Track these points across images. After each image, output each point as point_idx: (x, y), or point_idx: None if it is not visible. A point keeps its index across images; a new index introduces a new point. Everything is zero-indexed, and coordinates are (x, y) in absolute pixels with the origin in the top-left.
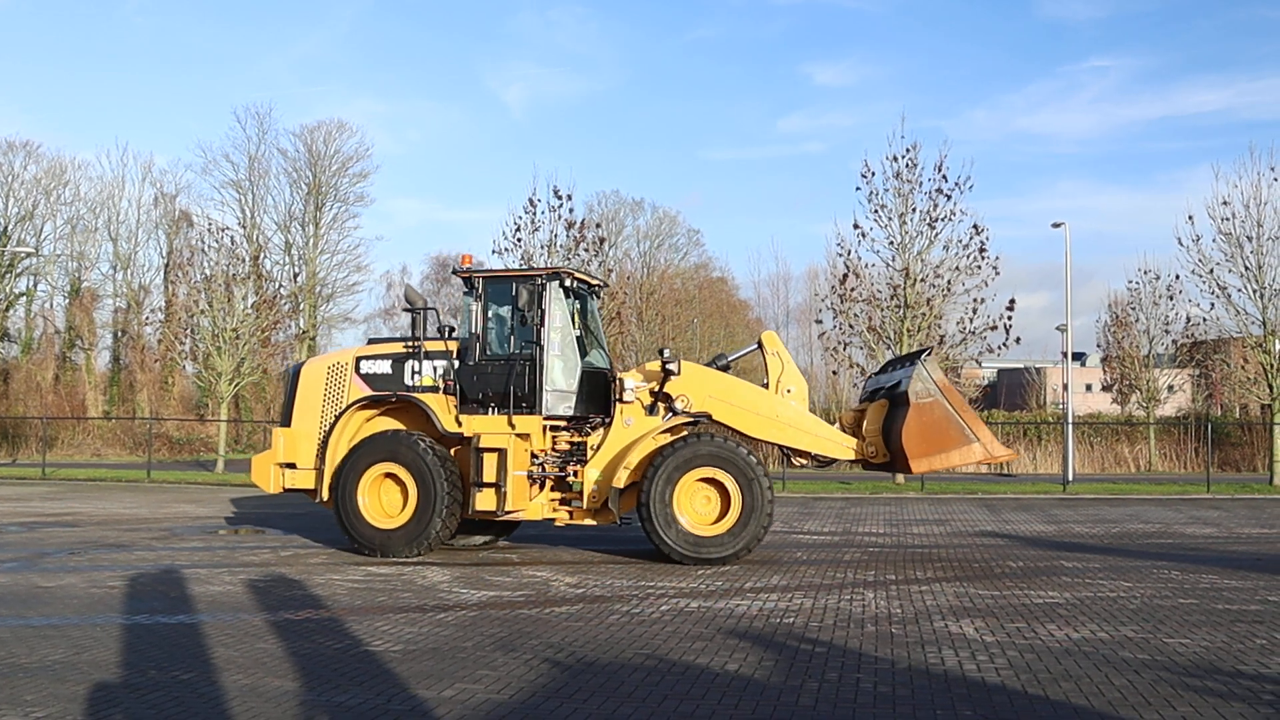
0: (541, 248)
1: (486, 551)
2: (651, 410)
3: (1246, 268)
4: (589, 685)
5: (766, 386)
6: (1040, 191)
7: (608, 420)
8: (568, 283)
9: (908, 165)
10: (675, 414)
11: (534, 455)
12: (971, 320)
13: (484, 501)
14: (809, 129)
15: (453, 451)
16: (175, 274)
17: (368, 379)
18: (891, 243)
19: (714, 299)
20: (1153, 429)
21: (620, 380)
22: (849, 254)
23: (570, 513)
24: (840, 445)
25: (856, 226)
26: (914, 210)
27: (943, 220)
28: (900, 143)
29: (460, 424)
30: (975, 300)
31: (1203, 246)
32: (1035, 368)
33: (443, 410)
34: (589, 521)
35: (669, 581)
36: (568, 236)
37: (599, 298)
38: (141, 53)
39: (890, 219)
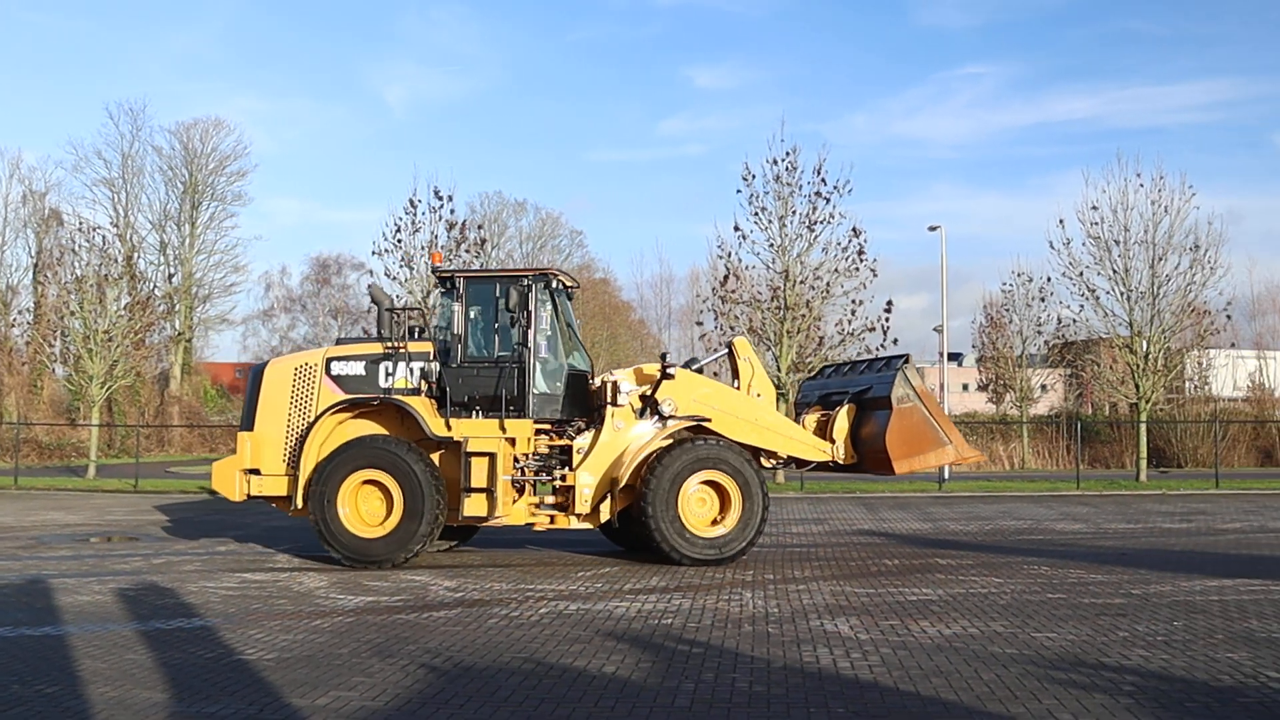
0: (422, 249)
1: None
2: (641, 414)
3: (1114, 271)
4: (466, 690)
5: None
6: (917, 195)
7: (594, 423)
8: (553, 284)
9: (787, 168)
10: (662, 417)
11: (515, 459)
12: (850, 322)
13: (474, 507)
14: (690, 131)
15: (435, 457)
16: (44, 274)
17: (339, 381)
18: (772, 245)
19: (597, 300)
20: (1026, 428)
21: (614, 383)
22: (730, 256)
23: (551, 517)
24: (813, 448)
25: (737, 229)
26: (794, 213)
27: (822, 223)
28: (780, 146)
29: (450, 428)
30: (854, 302)
31: (1073, 250)
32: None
33: (429, 414)
34: (573, 525)
35: (548, 584)
36: (449, 237)
37: (572, 298)
38: (8, 46)
39: (770, 221)
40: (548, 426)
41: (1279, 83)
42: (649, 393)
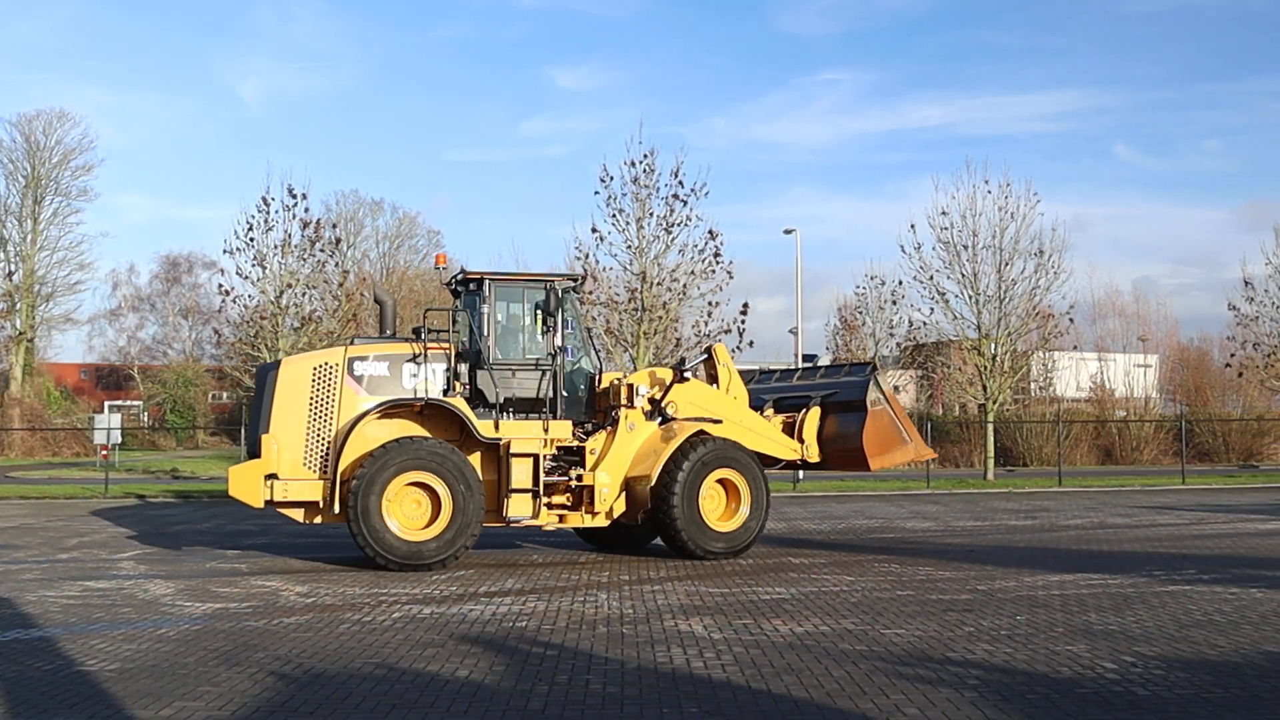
0: (275, 247)
1: (213, 564)
2: (650, 416)
3: (963, 275)
4: (316, 698)
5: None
6: (776, 198)
7: (607, 424)
8: (578, 289)
9: (645, 170)
10: (665, 419)
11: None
12: (707, 324)
13: (518, 508)
14: (552, 132)
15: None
16: None
17: (362, 381)
18: (629, 247)
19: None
20: None
21: (631, 385)
22: (587, 257)
23: (561, 516)
24: (787, 448)
25: (595, 230)
26: (651, 215)
27: (679, 225)
28: (638, 148)
29: (498, 429)
30: (710, 304)
31: (923, 254)
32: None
33: (473, 415)
34: (585, 523)
35: (403, 588)
36: (303, 236)
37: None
38: None
39: (628, 223)
40: (575, 428)
41: (1124, 95)
42: (660, 396)
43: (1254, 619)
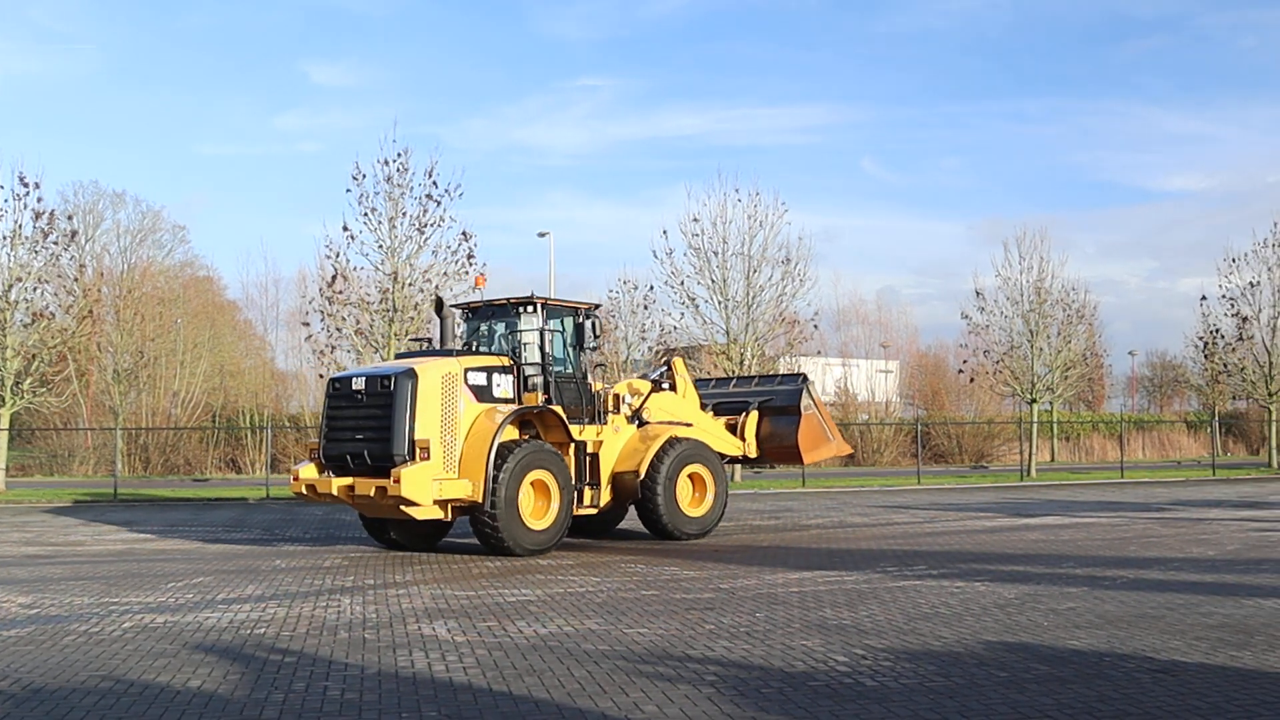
0: (4, 238)
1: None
2: (630, 420)
3: (713, 280)
4: (35, 714)
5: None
6: (534, 202)
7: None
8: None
9: (399, 170)
10: (643, 423)
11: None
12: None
13: (590, 499)
14: (307, 128)
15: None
16: None
17: (473, 389)
18: (381, 246)
19: (200, 299)
20: None
21: (616, 395)
22: (338, 256)
23: None
24: (735, 446)
25: (346, 229)
26: (404, 215)
27: (432, 226)
28: (393, 146)
29: (582, 432)
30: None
31: (675, 260)
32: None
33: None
34: (579, 511)
35: (135, 596)
36: (35, 227)
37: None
38: None
39: (380, 223)
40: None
41: (871, 111)
42: (640, 403)
43: (976, 611)
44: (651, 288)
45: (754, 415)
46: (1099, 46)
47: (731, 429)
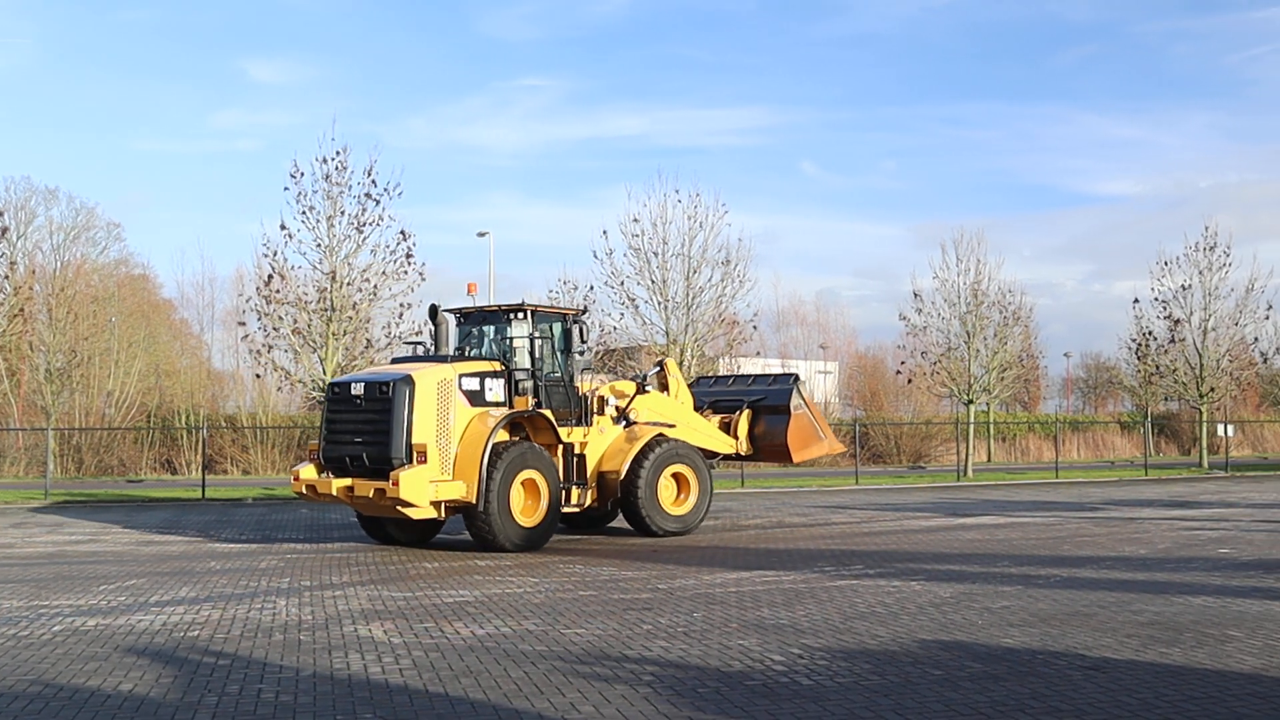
0: None
1: None
2: (616, 420)
3: (653, 281)
4: None
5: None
6: (475, 202)
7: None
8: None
9: (337, 168)
10: (629, 423)
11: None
12: (398, 325)
13: (577, 498)
14: (246, 125)
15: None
16: None
17: (467, 394)
18: (319, 245)
19: (135, 297)
20: None
21: (600, 396)
22: (275, 255)
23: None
24: (726, 444)
25: (284, 227)
26: (343, 213)
27: (371, 225)
28: (332, 145)
29: (571, 434)
30: (402, 305)
31: (615, 260)
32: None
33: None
34: (564, 509)
35: (66, 599)
36: None
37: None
38: None
39: (318, 221)
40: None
41: (810, 114)
42: (625, 405)
43: (912, 610)
44: (591, 288)
45: (747, 414)
46: (1037, 52)
47: (726, 427)
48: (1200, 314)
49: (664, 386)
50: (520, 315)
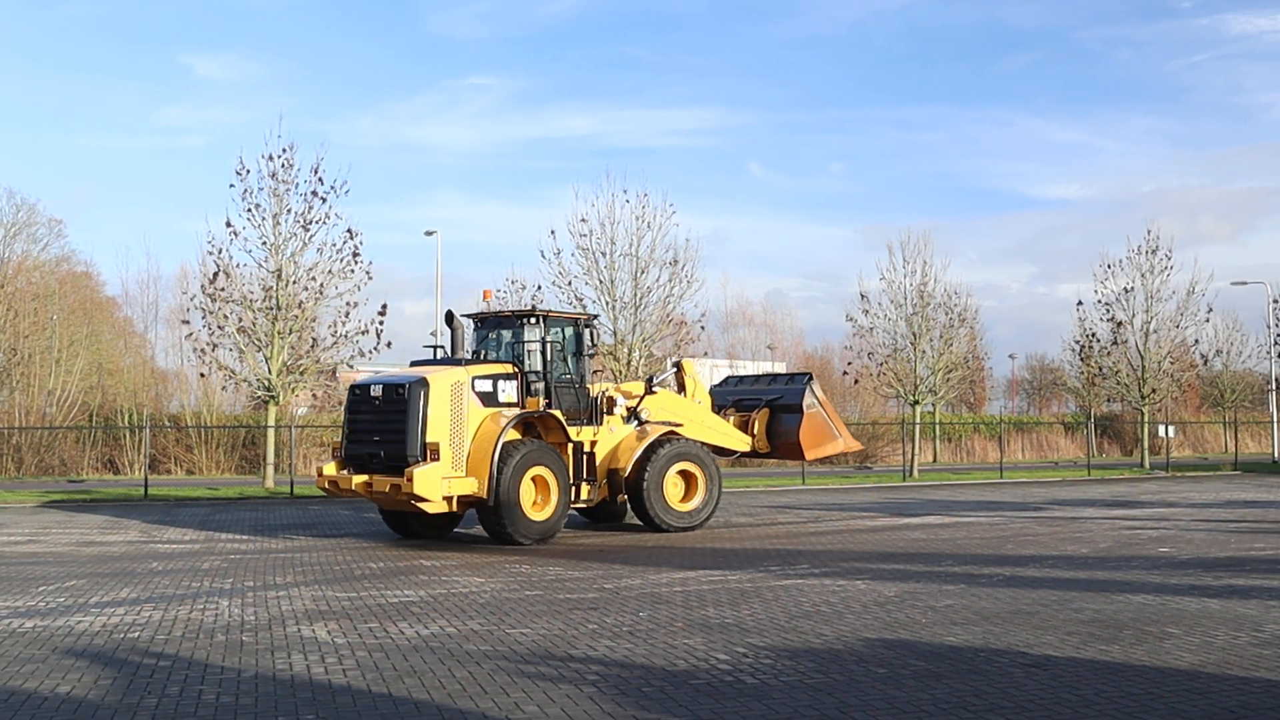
0: None
1: None
2: (627, 420)
3: (601, 281)
4: None
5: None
6: (423, 201)
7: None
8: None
9: (284, 165)
10: (642, 423)
11: None
12: (344, 324)
13: (587, 494)
14: (190, 122)
15: None
16: None
17: (480, 395)
18: (265, 243)
19: (77, 295)
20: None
21: (609, 396)
22: (220, 253)
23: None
24: (741, 441)
25: (229, 225)
26: (289, 211)
27: (317, 223)
28: (278, 142)
29: (580, 433)
30: (348, 304)
31: (563, 260)
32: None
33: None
34: (575, 505)
35: (2, 601)
36: None
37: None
38: None
39: (264, 219)
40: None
41: (758, 115)
42: (635, 404)
43: (856, 609)
44: (539, 288)
45: (764, 413)
46: (983, 57)
47: (744, 425)
48: (1142, 316)
49: (682, 387)
50: (533, 320)
